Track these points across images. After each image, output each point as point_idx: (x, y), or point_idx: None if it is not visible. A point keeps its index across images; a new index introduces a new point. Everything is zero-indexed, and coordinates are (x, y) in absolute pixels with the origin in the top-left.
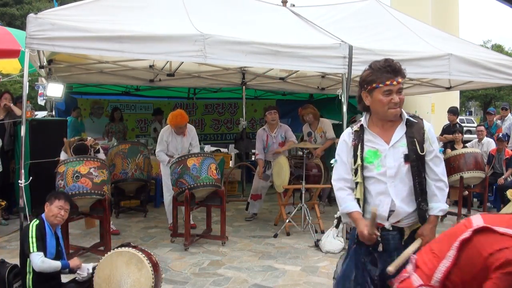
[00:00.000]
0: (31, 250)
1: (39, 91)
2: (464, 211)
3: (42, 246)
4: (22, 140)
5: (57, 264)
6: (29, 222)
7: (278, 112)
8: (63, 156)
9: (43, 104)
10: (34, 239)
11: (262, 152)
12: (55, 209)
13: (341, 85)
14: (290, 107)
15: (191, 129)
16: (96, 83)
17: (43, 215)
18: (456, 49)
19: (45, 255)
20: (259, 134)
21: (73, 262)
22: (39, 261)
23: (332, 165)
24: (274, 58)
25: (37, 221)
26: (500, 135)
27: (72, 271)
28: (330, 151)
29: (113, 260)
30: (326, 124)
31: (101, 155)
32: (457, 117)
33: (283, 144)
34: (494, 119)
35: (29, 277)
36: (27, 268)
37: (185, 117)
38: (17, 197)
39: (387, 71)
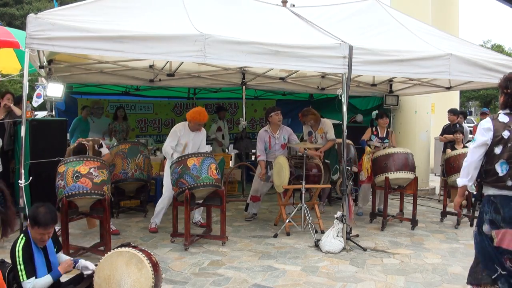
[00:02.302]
0: (21, 279)
1: (37, 92)
2: (464, 210)
3: (31, 270)
4: (22, 140)
5: (48, 280)
6: (16, 241)
7: (280, 110)
8: None
9: (35, 106)
10: (22, 266)
11: (264, 153)
12: (37, 235)
13: (341, 85)
14: (290, 107)
15: (203, 130)
16: (96, 83)
17: (29, 230)
18: (456, 49)
19: (36, 273)
20: (260, 135)
21: (62, 267)
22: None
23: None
24: (274, 58)
25: (24, 239)
26: None
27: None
28: (329, 152)
29: (113, 260)
30: (327, 125)
31: (104, 150)
32: (458, 117)
33: (285, 146)
34: None
35: None
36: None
37: (206, 116)
38: (17, 197)
39: None
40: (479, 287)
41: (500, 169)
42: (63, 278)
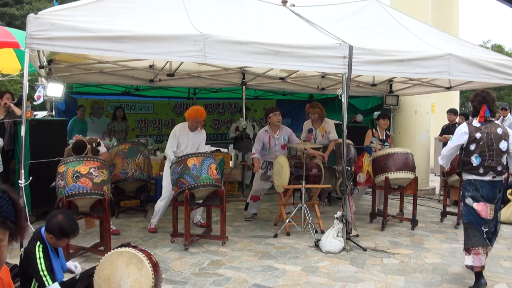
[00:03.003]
0: (47, 284)
1: (37, 94)
2: None
3: (54, 275)
4: (22, 140)
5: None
6: (33, 248)
7: (280, 111)
8: None
9: (38, 103)
10: (46, 272)
11: (259, 153)
12: (62, 244)
13: (341, 85)
14: (290, 107)
15: (203, 132)
16: (96, 83)
17: (43, 234)
18: (456, 49)
19: (56, 277)
20: (260, 135)
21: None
22: None
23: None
24: (274, 58)
25: (41, 247)
26: None
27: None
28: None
29: (113, 260)
30: (330, 124)
31: (102, 148)
32: (457, 117)
33: (285, 147)
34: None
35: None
36: (31, 286)
37: (204, 113)
38: None
39: None
40: (474, 249)
41: (475, 160)
42: (64, 278)
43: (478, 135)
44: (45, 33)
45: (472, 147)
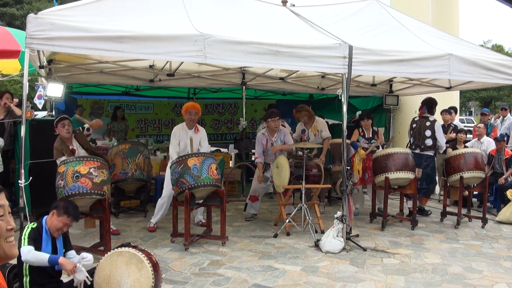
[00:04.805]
0: (21, 245)
1: (38, 93)
2: (464, 211)
3: (33, 244)
4: (22, 140)
5: (43, 257)
6: (28, 224)
7: (279, 116)
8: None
9: (40, 108)
10: (26, 237)
11: (262, 156)
12: (59, 224)
13: (341, 85)
14: (290, 107)
15: (202, 130)
16: (96, 83)
17: (44, 220)
18: (456, 49)
19: None
20: (258, 138)
21: (64, 260)
22: (26, 251)
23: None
24: (274, 58)
25: (35, 225)
26: (498, 136)
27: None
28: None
29: (113, 260)
30: (321, 123)
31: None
32: (451, 115)
33: None
34: (492, 118)
35: (26, 280)
36: (24, 271)
37: (197, 105)
38: (17, 197)
39: None
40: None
41: (411, 140)
42: (63, 279)
43: (414, 125)
44: (45, 33)
45: (411, 132)
